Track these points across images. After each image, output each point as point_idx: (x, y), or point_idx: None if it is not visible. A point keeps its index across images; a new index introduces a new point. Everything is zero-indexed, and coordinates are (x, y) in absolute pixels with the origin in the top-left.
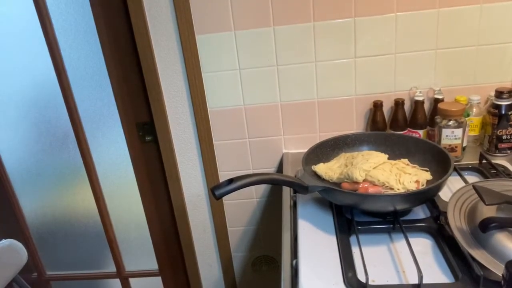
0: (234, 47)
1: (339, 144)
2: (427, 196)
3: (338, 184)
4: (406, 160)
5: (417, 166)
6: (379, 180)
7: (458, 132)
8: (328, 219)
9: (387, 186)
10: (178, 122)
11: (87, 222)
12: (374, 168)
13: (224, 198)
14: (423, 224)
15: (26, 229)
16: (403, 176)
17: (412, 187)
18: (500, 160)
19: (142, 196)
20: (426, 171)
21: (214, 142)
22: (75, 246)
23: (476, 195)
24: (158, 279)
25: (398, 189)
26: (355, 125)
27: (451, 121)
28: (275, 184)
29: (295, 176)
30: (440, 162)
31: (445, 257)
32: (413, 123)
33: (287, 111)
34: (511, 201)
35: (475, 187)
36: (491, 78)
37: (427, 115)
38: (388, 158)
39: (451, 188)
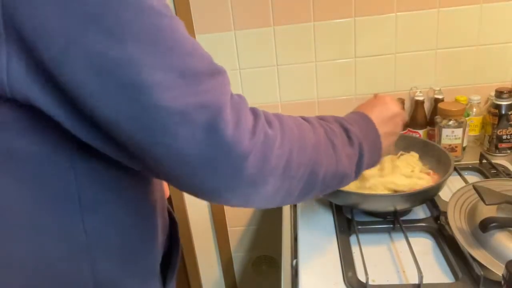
0: (234, 47)
1: None
2: (427, 196)
3: None
4: (416, 155)
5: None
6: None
7: (458, 132)
8: (328, 219)
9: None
10: None
11: None
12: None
13: None
14: (423, 224)
15: None
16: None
17: None
18: (500, 160)
19: None
20: None
21: None
22: None
23: (476, 195)
24: None
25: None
26: None
27: (451, 121)
28: None
29: None
30: (440, 162)
31: (445, 257)
32: (413, 123)
33: (287, 111)
34: (511, 201)
35: (475, 187)
36: (491, 78)
37: (427, 115)
38: None
39: (451, 188)
